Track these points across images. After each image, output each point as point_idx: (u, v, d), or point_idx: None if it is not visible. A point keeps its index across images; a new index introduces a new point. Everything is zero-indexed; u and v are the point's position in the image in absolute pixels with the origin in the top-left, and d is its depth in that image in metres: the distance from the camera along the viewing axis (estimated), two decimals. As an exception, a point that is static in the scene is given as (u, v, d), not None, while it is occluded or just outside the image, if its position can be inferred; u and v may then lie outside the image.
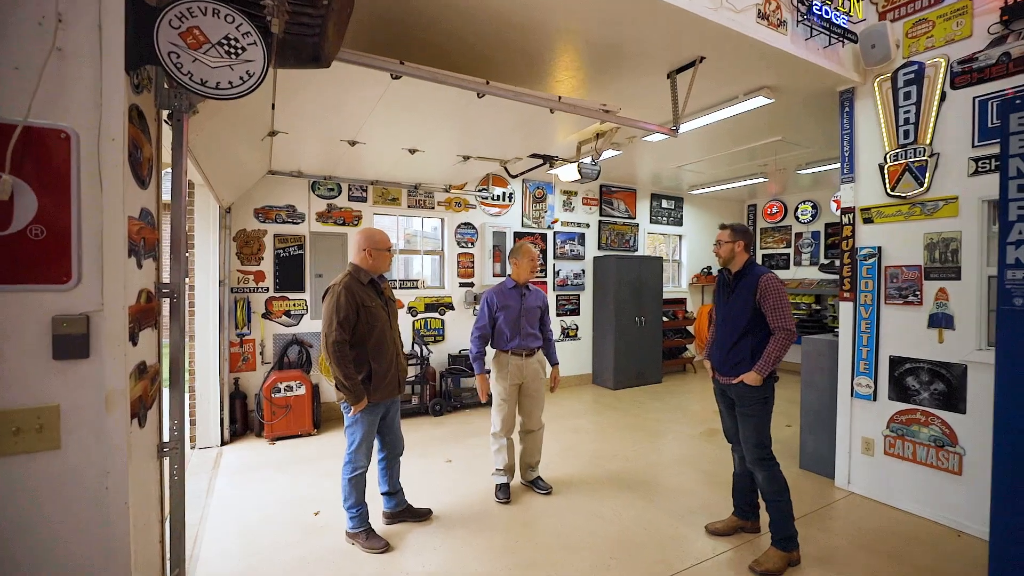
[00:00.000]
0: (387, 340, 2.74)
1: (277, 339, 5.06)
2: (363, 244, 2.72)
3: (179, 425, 1.93)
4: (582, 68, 3.28)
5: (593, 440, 4.70)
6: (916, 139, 3.21)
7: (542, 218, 6.87)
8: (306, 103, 2.95)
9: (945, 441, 3.11)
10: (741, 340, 2.78)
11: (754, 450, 2.73)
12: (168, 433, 1.91)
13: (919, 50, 3.21)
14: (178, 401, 1.94)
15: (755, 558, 2.69)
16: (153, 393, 1.81)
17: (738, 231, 2.83)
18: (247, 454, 4.29)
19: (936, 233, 3.15)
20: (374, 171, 5.01)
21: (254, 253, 4.95)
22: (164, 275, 1.90)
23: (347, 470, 2.77)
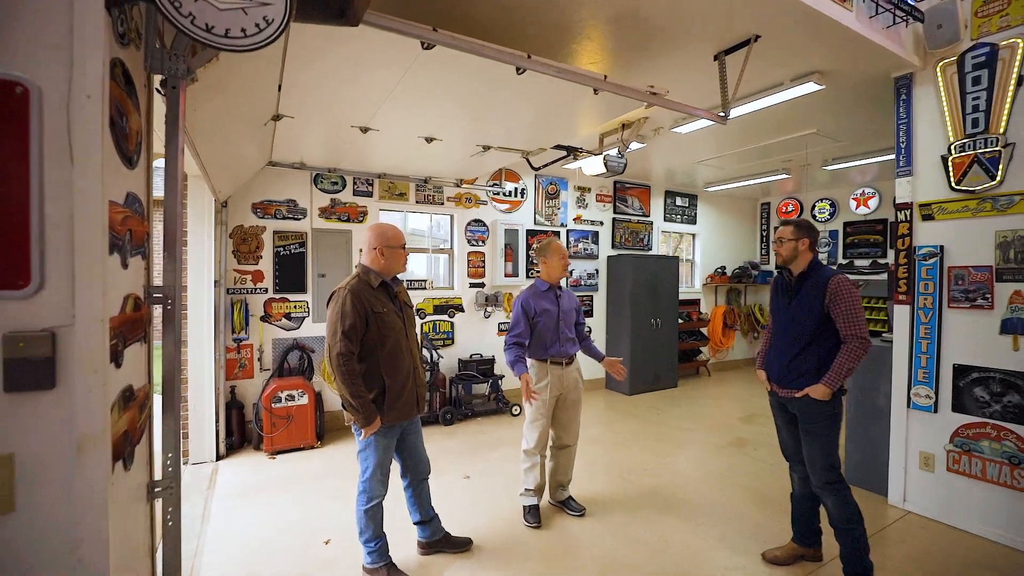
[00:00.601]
0: (402, 351, 2.39)
1: (277, 344, 4.70)
2: (374, 242, 2.37)
3: (174, 458, 1.60)
4: (612, 50, 2.96)
5: (616, 452, 4.39)
6: (987, 128, 2.93)
7: (555, 215, 6.56)
8: (317, 82, 2.61)
9: (1021, 458, 2.84)
10: (806, 349, 2.48)
11: (822, 472, 2.43)
12: (161, 469, 1.58)
13: (991, 30, 2.93)
14: (173, 427, 1.60)
15: None
16: (142, 423, 1.47)
17: (803, 227, 2.54)
18: (246, 470, 3.93)
19: (1011, 231, 2.87)
20: (382, 163, 4.67)
21: (252, 251, 4.58)
22: (156, 276, 1.57)
23: (361, 500, 2.43)
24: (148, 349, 1.58)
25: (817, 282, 2.46)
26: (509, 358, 3.02)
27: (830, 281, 2.41)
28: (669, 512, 3.28)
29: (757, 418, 5.47)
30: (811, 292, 2.47)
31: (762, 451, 4.42)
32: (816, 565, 2.69)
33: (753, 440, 4.71)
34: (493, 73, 2.46)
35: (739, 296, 8.52)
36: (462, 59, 2.27)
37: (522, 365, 2.98)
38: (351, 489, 3.51)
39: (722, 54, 2.99)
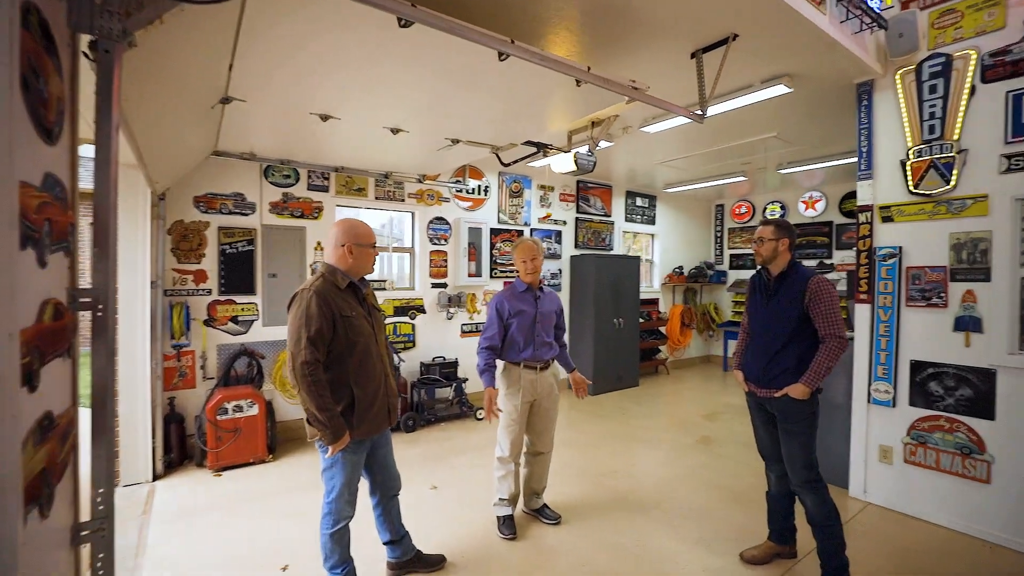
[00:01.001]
0: (373, 358, 2.18)
1: (222, 350, 4.31)
2: (342, 238, 2.15)
3: (106, 493, 1.34)
4: (589, 44, 2.87)
5: (587, 455, 4.33)
6: (943, 135, 3.06)
7: (519, 214, 6.44)
8: (275, 62, 2.35)
9: (972, 448, 2.98)
10: (785, 349, 2.48)
11: (802, 471, 2.44)
12: (91, 507, 1.32)
13: (946, 41, 3.06)
14: (105, 456, 1.35)
15: None
16: (64, 455, 1.21)
17: (783, 227, 2.54)
18: (187, 491, 3.56)
19: (964, 233, 3.01)
20: (341, 156, 4.38)
21: (193, 249, 4.17)
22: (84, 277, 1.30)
23: (327, 523, 2.20)
24: (74, 364, 1.32)
25: (796, 282, 2.47)
26: (479, 364, 2.88)
27: (810, 281, 2.42)
28: (644, 515, 3.23)
29: (719, 415, 5.58)
30: (790, 292, 2.48)
31: (728, 448, 4.48)
32: (792, 562, 2.71)
33: (718, 438, 4.78)
34: (471, 58, 2.30)
35: (695, 295, 8.74)
36: (440, 41, 2.09)
37: (490, 376, 2.84)
38: (310, 506, 3.27)
39: (700, 52, 2.96)
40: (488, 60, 2.29)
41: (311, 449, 4.36)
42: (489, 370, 2.84)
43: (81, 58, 1.41)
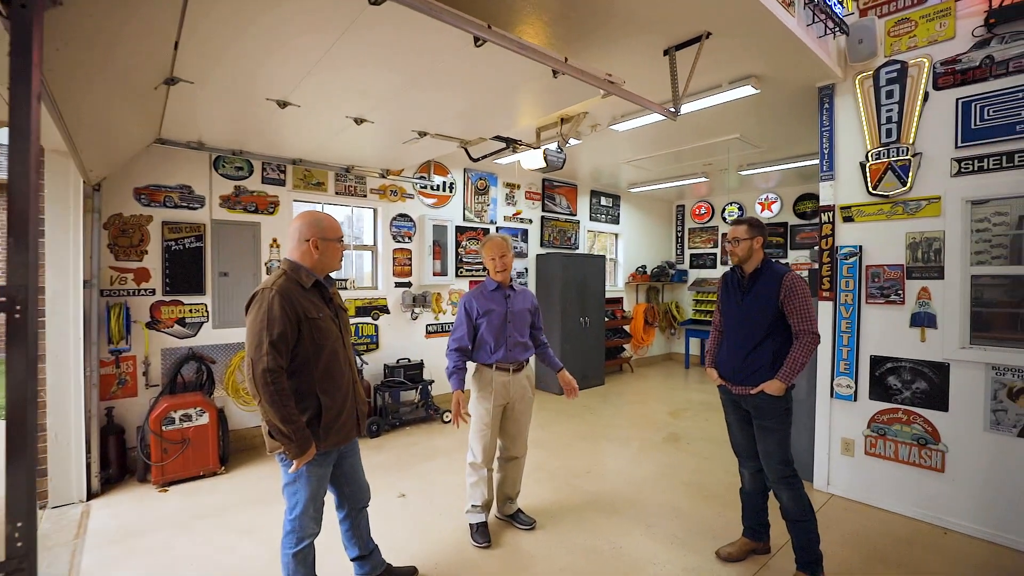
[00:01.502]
0: (340, 363, 2.02)
1: (167, 354, 3.98)
2: (306, 232, 1.98)
3: (27, 528, 1.15)
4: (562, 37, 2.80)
5: (557, 456, 4.27)
6: (899, 138, 3.18)
7: (485, 211, 6.33)
8: (228, 37, 2.14)
9: (928, 439, 3.11)
10: (760, 345, 2.49)
11: (778, 467, 2.45)
12: (6, 545, 1.12)
13: (901, 49, 3.19)
14: (24, 483, 1.16)
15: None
16: (-27, 485, 1.01)
17: (755, 227, 2.55)
18: (128, 509, 3.24)
19: (919, 232, 3.14)
20: (299, 147, 4.13)
21: (134, 245, 3.83)
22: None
23: (289, 542, 2.02)
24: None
25: (771, 279, 2.48)
26: (448, 367, 2.78)
27: (784, 278, 2.44)
28: (618, 515, 3.20)
29: (684, 412, 5.66)
30: (765, 289, 2.49)
31: (696, 445, 4.54)
32: (767, 557, 2.74)
33: (685, 435, 4.84)
34: (444, 43, 2.18)
35: (658, 294, 8.89)
36: (411, 23, 1.96)
37: (458, 379, 2.74)
38: (268, 521, 3.05)
39: (673, 49, 2.95)
40: (462, 46, 2.18)
41: (268, 458, 4.10)
42: (458, 372, 2.73)
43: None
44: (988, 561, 2.71)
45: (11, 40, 1.13)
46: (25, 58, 1.14)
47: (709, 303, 8.26)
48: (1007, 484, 2.85)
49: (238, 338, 4.30)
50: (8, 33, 1.14)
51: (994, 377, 2.89)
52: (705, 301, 8.33)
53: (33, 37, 1.16)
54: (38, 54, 1.17)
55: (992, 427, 2.90)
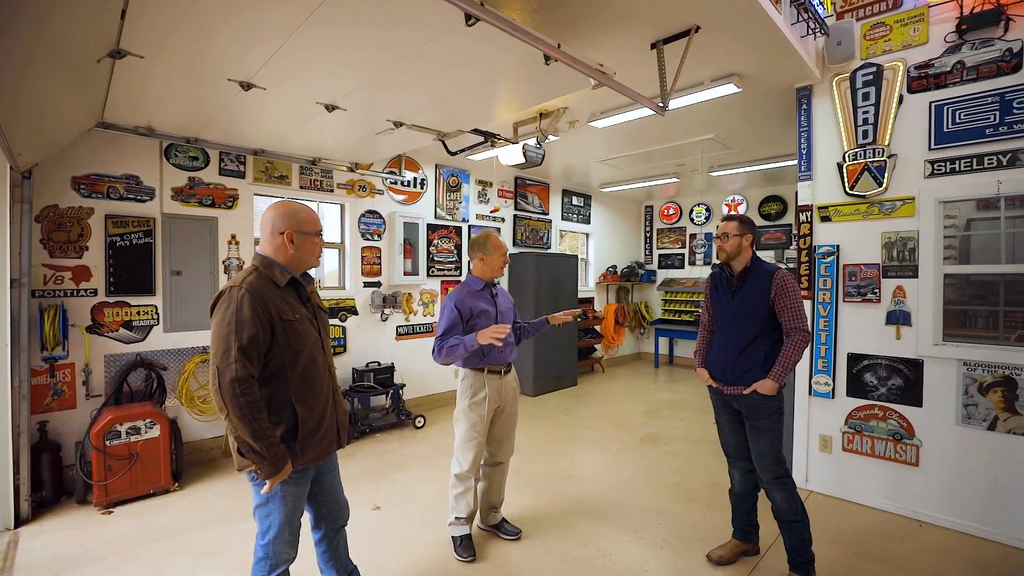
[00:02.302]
0: (319, 369, 1.82)
1: (111, 361, 3.61)
2: (280, 224, 1.76)
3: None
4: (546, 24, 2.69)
5: (536, 459, 4.16)
6: (875, 140, 3.24)
7: (457, 209, 6.15)
8: (186, 8, 1.91)
9: (903, 434, 3.18)
10: (752, 345, 2.45)
11: (771, 468, 2.42)
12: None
13: (877, 52, 3.25)
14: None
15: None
16: None
17: (746, 223, 2.51)
18: (65, 536, 2.89)
19: (894, 232, 3.21)
20: (262, 136, 3.84)
21: (72, 241, 3.45)
22: None
23: (261, 569, 1.80)
24: None
25: (761, 277, 2.45)
26: (451, 343, 2.50)
27: (775, 275, 2.41)
28: (604, 521, 3.11)
29: (659, 412, 5.67)
30: (755, 287, 2.45)
31: (673, 445, 4.53)
32: (757, 558, 2.71)
33: (662, 435, 4.83)
34: (433, 19, 2.02)
35: (627, 294, 8.94)
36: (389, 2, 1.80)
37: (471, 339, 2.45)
38: (230, 541, 2.80)
39: (661, 43, 2.88)
40: (452, 24, 2.03)
41: (225, 473, 3.79)
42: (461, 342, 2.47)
43: None
44: (961, 552, 2.78)
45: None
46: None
47: (678, 303, 8.37)
48: (977, 476, 2.93)
49: (193, 342, 3.96)
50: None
51: (965, 373, 2.98)
52: (674, 301, 8.44)
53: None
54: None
55: (964, 421, 2.99)
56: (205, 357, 3.99)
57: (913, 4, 3.13)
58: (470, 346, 2.46)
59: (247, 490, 3.46)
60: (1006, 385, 2.86)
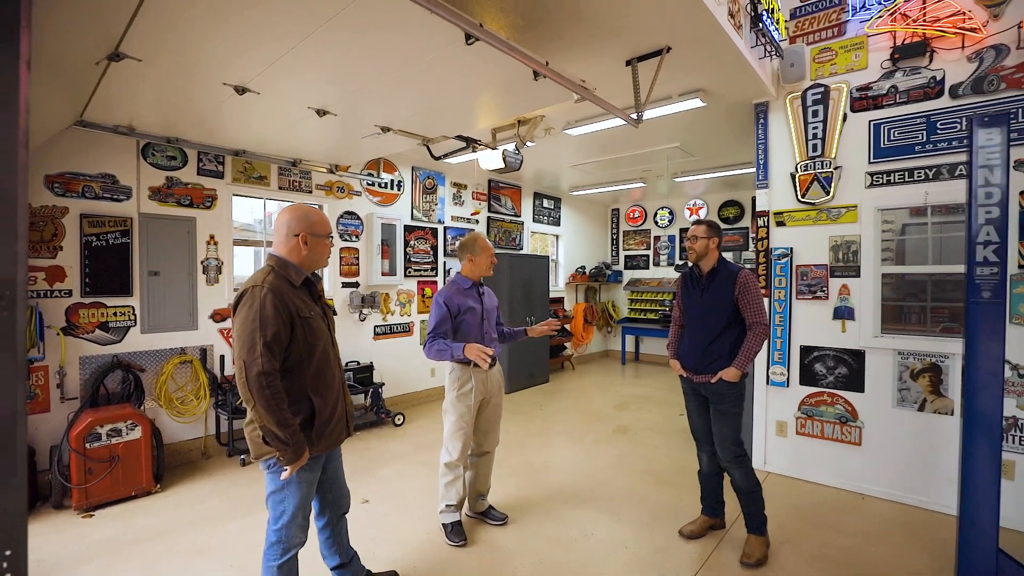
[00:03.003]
0: (331, 364, 1.95)
1: (87, 363, 3.54)
2: (296, 227, 1.88)
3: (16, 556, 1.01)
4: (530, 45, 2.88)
5: (517, 452, 4.34)
6: (823, 152, 3.60)
7: (433, 211, 6.25)
8: (194, 16, 1.98)
9: (848, 417, 3.55)
10: (719, 337, 2.72)
11: (731, 447, 2.71)
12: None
13: (825, 74, 3.60)
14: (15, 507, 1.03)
15: (742, 552, 2.72)
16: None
17: (713, 228, 2.78)
18: (44, 542, 2.85)
19: (840, 236, 3.57)
20: (245, 137, 3.85)
21: (46, 241, 3.38)
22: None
23: (274, 553, 1.90)
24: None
25: (727, 276, 2.72)
26: (439, 347, 2.68)
27: (739, 275, 2.69)
28: (584, 505, 3.32)
29: (628, 406, 5.95)
30: (722, 285, 2.72)
31: (643, 435, 4.80)
32: (723, 532, 2.99)
33: (632, 427, 5.10)
34: (435, 38, 2.16)
35: (595, 294, 9.26)
36: (406, 15, 1.94)
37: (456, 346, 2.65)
38: (222, 539, 2.85)
39: (635, 60, 3.12)
40: (452, 42, 2.18)
41: (206, 474, 3.78)
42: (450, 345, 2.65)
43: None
44: (896, 519, 3.14)
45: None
46: (13, 12, 1.01)
47: (643, 302, 8.74)
48: (910, 452, 3.32)
49: (171, 343, 3.92)
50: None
51: (900, 361, 3.36)
52: (639, 300, 8.81)
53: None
54: (27, 8, 1.04)
55: (898, 404, 3.37)
56: (184, 358, 3.96)
57: (855, 32, 3.49)
58: (456, 355, 2.64)
59: (231, 490, 3.50)
60: (933, 371, 3.25)
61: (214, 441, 4.17)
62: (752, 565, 2.63)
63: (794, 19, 3.70)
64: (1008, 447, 3.00)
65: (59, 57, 2.18)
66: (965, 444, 2.21)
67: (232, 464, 3.98)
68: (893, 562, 2.68)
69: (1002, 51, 3.00)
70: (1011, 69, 2.97)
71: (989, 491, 2.16)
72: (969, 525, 2.20)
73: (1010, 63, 2.98)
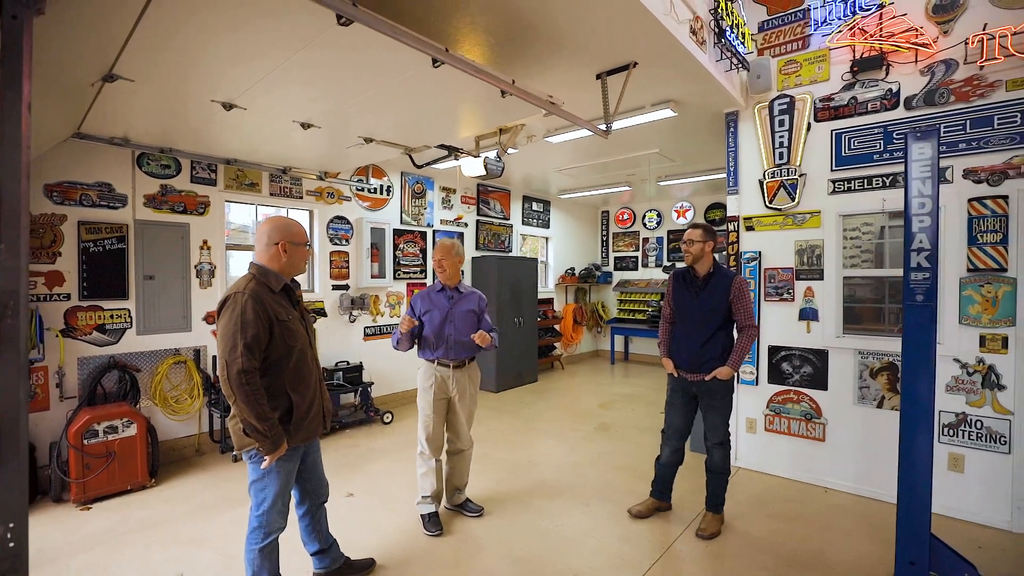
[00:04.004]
0: (308, 363, 2.12)
1: (84, 363, 3.70)
2: (275, 236, 2.05)
3: (19, 529, 1.18)
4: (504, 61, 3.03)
5: (500, 448, 4.50)
6: (789, 160, 3.76)
7: (422, 215, 6.42)
8: (185, 41, 2.14)
9: (813, 414, 3.71)
10: (713, 338, 2.92)
11: (722, 433, 2.95)
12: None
13: (790, 85, 3.77)
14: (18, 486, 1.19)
15: (699, 526, 2.99)
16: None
17: (708, 232, 2.95)
18: (46, 532, 3.02)
19: (804, 241, 3.73)
20: (235, 147, 4.02)
21: (45, 247, 3.54)
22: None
23: (256, 537, 2.07)
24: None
25: (722, 280, 2.91)
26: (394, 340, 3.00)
27: (734, 280, 2.88)
28: (559, 498, 3.48)
29: (613, 404, 6.12)
30: (717, 289, 2.90)
31: (625, 433, 4.96)
32: (669, 512, 3.25)
33: (615, 424, 5.26)
34: (404, 62, 2.32)
35: (585, 295, 9.42)
36: (374, 42, 2.10)
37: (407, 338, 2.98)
38: (213, 530, 3.02)
39: (605, 74, 3.28)
40: (420, 65, 2.34)
41: (200, 470, 3.94)
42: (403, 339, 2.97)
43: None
44: (855, 510, 3.30)
45: (2, 50, 1.16)
46: (16, 67, 1.17)
47: (632, 303, 8.90)
48: (870, 446, 3.48)
49: (165, 345, 4.09)
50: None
51: (860, 360, 3.52)
52: (629, 301, 8.97)
53: (24, 47, 1.19)
54: (28, 64, 1.20)
55: (859, 401, 3.53)
56: (178, 359, 4.13)
57: (818, 46, 3.66)
58: (396, 333, 2.96)
59: (223, 485, 3.66)
60: (891, 370, 3.41)
61: (207, 438, 4.34)
62: (706, 537, 2.90)
63: (761, 32, 3.87)
64: (958, 442, 3.16)
65: (58, 79, 2.34)
66: (902, 436, 2.37)
67: (224, 460, 4.15)
68: (840, 548, 2.84)
69: (951, 65, 3.16)
70: (959, 83, 3.14)
71: (923, 479, 2.32)
72: (905, 512, 2.36)
73: (959, 77, 3.14)
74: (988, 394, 3.07)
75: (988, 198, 3.06)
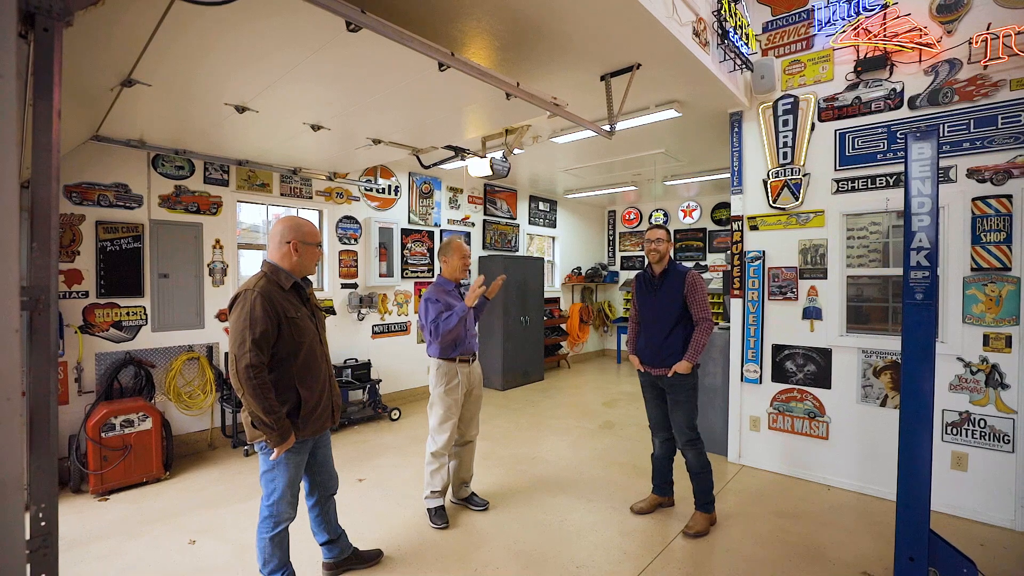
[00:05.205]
0: (318, 359, 2.19)
1: (102, 359, 3.81)
2: (288, 235, 2.12)
3: (49, 509, 1.26)
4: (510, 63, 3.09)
5: (505, 445, 4.56)
6: (793, 160, 3.78)
7: (429, 215, 6.49)
8: (201, 48, 2.22)
9: (816, 413, 3.73)
10: (672, 333, 2.97)
11: (686, 432, 2.96)
12: (31, 525, 1.22)
13: (794, 86, 3.79)
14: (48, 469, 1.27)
15: (686, 523, 3.01)
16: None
17: (669, 232, 3.08)
18: (66, 520, 3.12)
19: (808, 240, 3.75)
20: (247, 148, 4.10)
21: (65, 246, 3.66)
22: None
23: (266, 526, 2.15)
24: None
25: (677, 277, 2.98)
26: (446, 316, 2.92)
27: (687, 275, 2.95)
28: (563, 494, 3.53)
29: (617, 403, 6.15)
30: (673, 285, 2.98)
31: (628, 430, 5.00)
32: (671, 509, 3.28)
33: (619, 422, 5.30)
34: (411, 66, 2.39)
35: (592, 294, 9.45)
36: (381, 48, 2.16)
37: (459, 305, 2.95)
38: (225, 520, 3.11)
39: (608, 76, 3.33)
40: (427, 69, 2.41)
41: (213, 463, 4.05)
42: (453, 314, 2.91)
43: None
44: (857, 507, 3.32)
45: (34, 61, 1.23)
46: (48, 77, 1.25)
47: (638, 302, 8.91)
48: (873, 445, 3.49)
49: (179, 341, 4.20)
50: (30, 55, 1.24)
51: (863, 359, 3.54)
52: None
53: (54, 58, 1.26)
54: (58, 74, 1.28)
55: (862, 400, 3.54)
56: (192, 355, 4.23)
57: (822, 46, 3.67)
58: (460, 311, 2.89)
59: (234, 478, 3.76)
60: (894, 368, 3.42)
61: (220, 433, 4.44)
62: (692, 536, 2.93)
63: (765, 32, 3.89)
64: (962, 440, 3.17)
65: (80, 85, 2.43)
66: (902, 431, 2.40)
67: (236, 454, 4.25)
68: (841, 545, 2.87)
69: (955, 65, 3.17)
70: (963, 82, 3.14)
71: (922, 474, 2.34)
72: (905, 507, 2.39)
73: (962, 76, 3.15)
74: (992, 393, 3.08)
75: (992, 197, 3.07)
